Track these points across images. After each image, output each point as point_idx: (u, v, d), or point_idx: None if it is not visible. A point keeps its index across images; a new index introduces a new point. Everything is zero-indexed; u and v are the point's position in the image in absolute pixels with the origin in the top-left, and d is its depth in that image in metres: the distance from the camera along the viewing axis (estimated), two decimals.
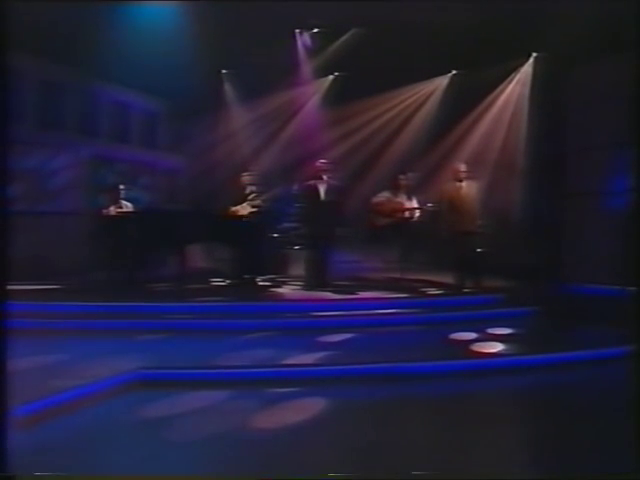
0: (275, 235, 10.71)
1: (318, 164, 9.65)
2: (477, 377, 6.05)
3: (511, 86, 12.22)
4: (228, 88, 12.74)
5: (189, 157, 13.11)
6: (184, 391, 5.32)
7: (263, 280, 10.02)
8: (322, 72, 12.84)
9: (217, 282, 10.11)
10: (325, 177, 9.52)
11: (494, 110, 12.10)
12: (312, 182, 9.57)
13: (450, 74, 13.17)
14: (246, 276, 9.71)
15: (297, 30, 11.84)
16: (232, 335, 7.12)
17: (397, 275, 9.84)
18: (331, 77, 13.24)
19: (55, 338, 6.78)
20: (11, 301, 7.94)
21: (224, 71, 12.87)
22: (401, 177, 9.94)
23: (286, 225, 10.94)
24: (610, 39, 9.16)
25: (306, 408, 5.03)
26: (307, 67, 12.39)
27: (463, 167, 9.28)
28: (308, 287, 9.44)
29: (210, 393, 5.33)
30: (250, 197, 9.72)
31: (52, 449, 4.14)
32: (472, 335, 7.20)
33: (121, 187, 9.79)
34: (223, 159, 12.36)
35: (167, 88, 11.62)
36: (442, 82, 13.29)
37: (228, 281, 9.92)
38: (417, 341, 7.09)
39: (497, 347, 6.76)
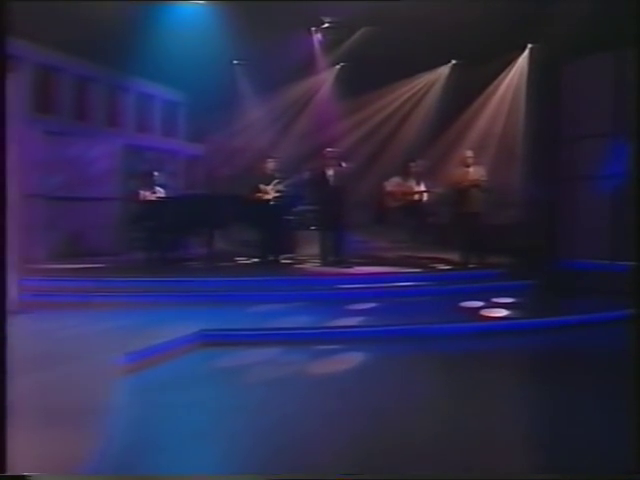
0: (293, 217, 11.63)
1: (327, 152, 10.52)
2: (486, 337, 7.03)
3: (510, 75, 13.14)
4: (247, 79, 13.52)
5: (213, 145, 13.93)
6: (241, 349, 6.27)
7: (285, 258, 10.97)
8: (335, 64, 13.73)
9: (242, 261, 11.07)
10: (333, 164, 10.38)
11: (495, 98, 13.01)
12: (321, 169, 10.45)
13: (450, 64, 14.07)
14: (270, 254, 10.64)
15: (311, 26, 12.69)
16: (267, 306, 8.05)
17: (407, 253, 10.86)
18: (337, 67, 14.09)
19: (109, 309, 7.71)
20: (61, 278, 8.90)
21: (236, 62, 13.59)
22: (411, 164, 10.88)
23: (303, 208, 11.85)
24: (604, 35, 10.04)
25: (346, 362, 6.00)
26: (321, 59, 13.26)
27: (470, 153, 10.21)
28: (323, 264, 10.36)
29: (264, 350, 6.28)
30: (274, 182, 10.59)
31: (147, 391, 5.05)
32: (480, 303, 8.17)
33: (155, 174, 10.68)
34: (245, 147, 13.24)
35: (191, 79, 12.40)
36: (444, 72, 14.21)
37: (254, 260, 10.86)
38: (432, 309, 8.05)
39: (503, 312, 7.77)
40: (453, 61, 14.24)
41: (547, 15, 11.21)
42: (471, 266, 10.07)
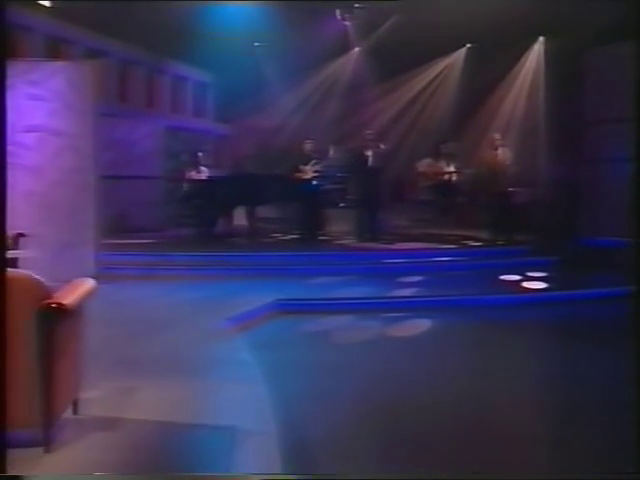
0: (327, 196, 12.18)
1: (366, 134, 11.11)
2: (529, 308, 7.72)
3: (529, 59, 13.78)
4: (276, 61, 13.96)
5: (243, 125, 14.41)
6: (315, 317, 6.90)
7: (319, 235, 11.54)
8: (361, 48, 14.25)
9: (280, 237, 11.65)
10: (372, 146, 10.95)
11: (517, 81, 13.63)
12: (360, 150, 11.04)
13: (465, 47, 14.65)
14: (307, 231, 11.22)
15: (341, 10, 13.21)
16: (323, 279, 8.65)
17: (434, 230, 11.49)
18: (360, 51, 14.61)
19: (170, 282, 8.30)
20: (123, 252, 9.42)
21: (258, 44, 13.98)
22: (442, 146, 11.51)
23: (332, 187, 12.43)
24: (624, 24, 10.62)
25: (415, 328, 6.66)
26: (349, 43, 13.80)
27: (498, 136, 10.82)
28: (360, 240, 10.96)
29: (337, 318, 6.92)
30: (312, 162, 11.16)
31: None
32: (518, 277, 8.84)
33: (199, 154, 11.22)
34: (273, 128, 13.77)
35: (223, 61, 12.88)
36: (460, 55, 14.83)
37: (290, 236, 11.45)
38: (475, 282, 8.69)
39: (542, 285, 8.46)
40: (468, 45, 14.83)
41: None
42: (500, 243, 10.71)
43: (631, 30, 10.67)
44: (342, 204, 12.77)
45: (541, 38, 14.12)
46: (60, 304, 2.93)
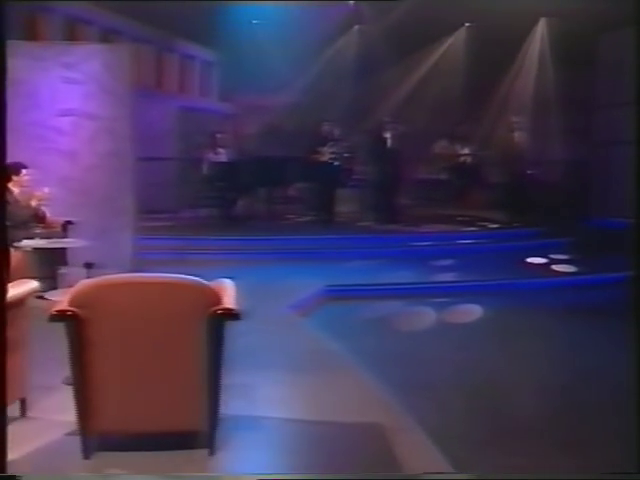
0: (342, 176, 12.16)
1: (383, 118, 11.15)
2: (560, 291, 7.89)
3: (532, 44, 13.88)
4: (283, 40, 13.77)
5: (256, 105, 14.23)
6: (366, 303, 6.98)
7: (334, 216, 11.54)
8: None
9: (297, 219, 11.64)
10: (390, 128, 11.01)
11: (525, 65, 13.70)
12: (379, 132, 11.07)
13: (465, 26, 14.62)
14: (323, 213, 11.26)
15: None
16: (355, 263, 8.71)
17: (451, 212, 11.61)
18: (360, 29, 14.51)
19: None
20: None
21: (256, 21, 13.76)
22: (456, 128, 11.61)
23: (344, 167, 12.43)
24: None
25: (469, 313, 6.80)
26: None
27: (516, 119, 10.95)
28: (377, 222, 11.02)
29: (387, 303, 7.03)
30: (329, 144, 11.17)
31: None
32: (543, 260, 9.01)
33: (218, 135, 11.11)
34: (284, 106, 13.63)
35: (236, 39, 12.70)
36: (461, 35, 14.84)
37: (306, 217, 11.47)
38: (504, 264, 8.80)
39: (571, 268, 8.65)
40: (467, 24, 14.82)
41: None
42: (516, 225, 10.88)
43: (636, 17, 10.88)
44: (351, 184, 12.77)
45: (542, 19, 14.17)
46: (230, 309, 2.96)
